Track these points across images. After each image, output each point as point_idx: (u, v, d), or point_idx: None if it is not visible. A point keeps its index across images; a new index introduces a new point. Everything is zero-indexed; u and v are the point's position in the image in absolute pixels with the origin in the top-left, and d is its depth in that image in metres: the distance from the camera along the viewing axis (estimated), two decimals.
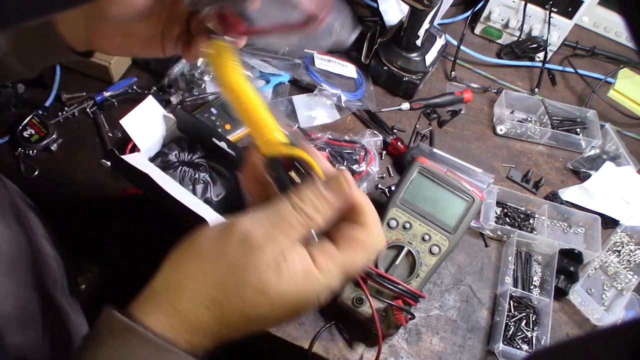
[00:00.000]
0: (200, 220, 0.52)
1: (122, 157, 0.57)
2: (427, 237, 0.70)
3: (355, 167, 0.82)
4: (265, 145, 0.39)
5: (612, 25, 1.10)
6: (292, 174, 0.38)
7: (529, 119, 0.97)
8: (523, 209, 0.85)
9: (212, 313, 0.34)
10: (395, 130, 0.91)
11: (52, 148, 0.81)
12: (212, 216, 0.54)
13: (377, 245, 0.38)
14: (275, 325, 0.37)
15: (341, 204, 0.37)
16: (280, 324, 0.37)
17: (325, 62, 0.94)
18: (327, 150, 0.83)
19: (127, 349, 0.33)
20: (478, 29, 1.07)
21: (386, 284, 0.65)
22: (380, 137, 0.87)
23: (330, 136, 0.85)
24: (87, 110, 0.86)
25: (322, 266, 0.35)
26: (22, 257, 0.55)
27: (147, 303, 0.36)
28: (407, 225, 0.70)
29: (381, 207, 0.74)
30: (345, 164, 0.83)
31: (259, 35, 0.44)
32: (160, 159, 0.64)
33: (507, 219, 0.84)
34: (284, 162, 0.39)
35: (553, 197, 0.87)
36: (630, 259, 0.82)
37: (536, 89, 1.00)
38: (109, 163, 0.58)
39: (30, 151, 0.80)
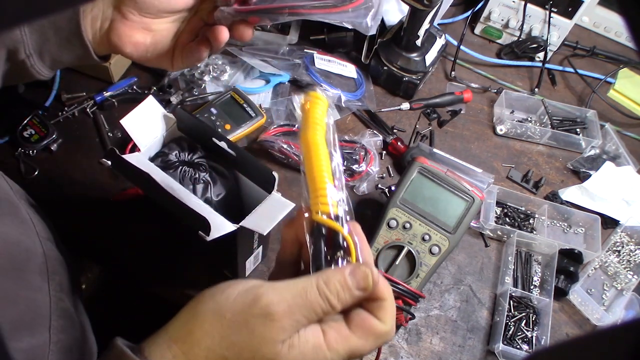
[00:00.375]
0: (201, 220, 0.52)
1: (123, 156, 0.57)
2: (427, 237, 0.70)
3: (355, 167, 0.82)
4: (316, 211, 0.39)
5: (612, 25, 1.10)
6: (330, 248, 0.39)
7: (529, 119, 0.97)
8: (523, 209, 0.85)
9: None
10: (395, 130, 0.91)
11: (52, 148, 0.81)
12: (212, 216, 0.54)
13: (387, 338, 0.39)
14: None
15: (363, 296, 0.39)
16: None
17: (325, 62, 0.94)
18: None
19: None
20: (478, 29, 1.07)
21: None
22: (380, 137, 0.87)
23: None
24: (87, 110, 0.86)
25: (331, 345, 0.37)
26: (30, 260, 0.55)
27: (161, 348, 0.37)
28: (407, 225, 0.70)
29: (381, 207, 0.74)
30: (345, 163, 0.83)
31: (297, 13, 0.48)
32: (160, 158, 0.64)
33: (507, 219, 0.84)
34: (327, 233, 0.39)
35: (553, 197, 0.87)
36: (630, 259, 0.82)
37: (536, 89, 1.00)
38: (109, 162, 0.58)
39: (30, 151, 0.80)
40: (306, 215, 0.40)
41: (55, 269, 0.58)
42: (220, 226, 0.53)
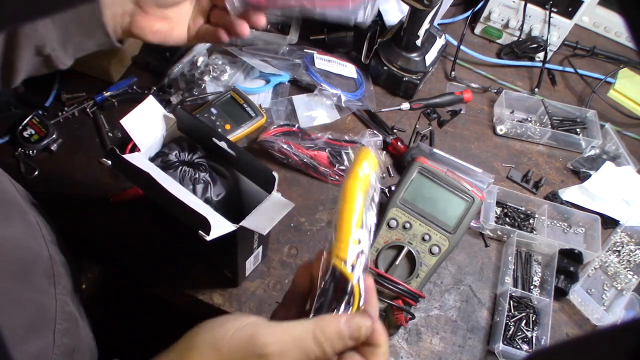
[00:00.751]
0: (201, 219, 0.52)
1: (123, 156, 0.57)
2: (427, 237, 0.70)
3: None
4: (336, 255, 0.41)
5: (612, 25, 1.10)
6: (338, 293, 0.40)
7: (529, 119, 0.97)
8: (523, 209, 0.85)
9: None
10: (395, 130, 0.91)
11: (52, 148, 0.81)
12: (212, 216, 0.54)
13: None
14: None
15: (355, 344, 0.40)
16: None
17: (325, 62, 0.94)
18: (327, 150, 0.83)
19: None
20: (478, 29, 1.07)
21: (386, 284, 0.65)
22: (380, 137, 0.87)
23: (330, 136, 0.85)
24: (87, 110, 0.86)
25: None
26: (37, 263, 0.55)
27: None
28: (407, 225, 0.70)
29: (381, 207, 0.74)
30: (345, 164, 0.83)
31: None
32: (160, 158, 0.64)
33: (507, 219, 0.84)
34: (339, 279, 0.41)
35: (553, 197, 0.87)
36: (630, 259, 0.82)
37: (536, 89, 1.00)
38: (109, 162, 0.58)
39: (30, 151, 0.80)
40: (324, 256, 0.42)
41: (60, 272, 0.58)
42: (220, 226, 0.53)
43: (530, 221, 0.84)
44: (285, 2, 0.55)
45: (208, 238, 0.52)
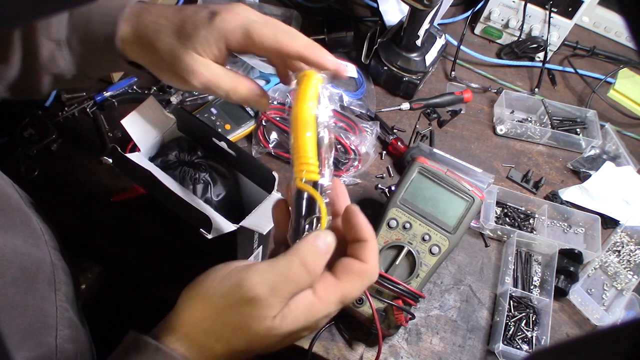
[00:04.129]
0: (202, 217, 0.53)
1: (125, 154, 0.57)
2: (427, 237, 0.70)
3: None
4: (300, 178, 0.41)
5: (612, 25, 1.10)
6: (309, 214, 0.41)
7: (529, 119, 0.97)
8: (523, 209, 0.85)
9: (222, 346, 0.39)
10: (395, 130, 0.91)
11: (52, 148, 0.81)
12: (212, 216, 0.54)
13: (372, 278, 0.41)
14: (283, 346, 0.43)
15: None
16: (289, 344, 0.43)
17: None
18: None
19: None
20: (478, 29, 1.07)
21: (386, 284, 0.65)
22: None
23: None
24: (87, 110, 0.86)
25: (322, 297, 0.39)
26: (39, 270, 0.55)
27: (166, 333, 0.40)
28: (407, 225, 0.70)
29: (381, 207, 0.74)
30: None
31: None
32: (160, 158, 0.64)
33: (507, 219, 0.84)
34: (306, 198, 0.41)
35: (553, 197, 0.87)
36: (630, 259, 0.82)
37: (536, 89, 1.00)
38: (110, 160, 0.58)
39: (30, 151, 0.80)
40: (291, 185, 0.42)
41: (62, 279, 0.59)
42: (221, 226, 0.53)
43: (530, 221, 0.84)
44: None
45: (209, 236, 0.52)
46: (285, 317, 0.38)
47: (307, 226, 0.41)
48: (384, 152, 0.88)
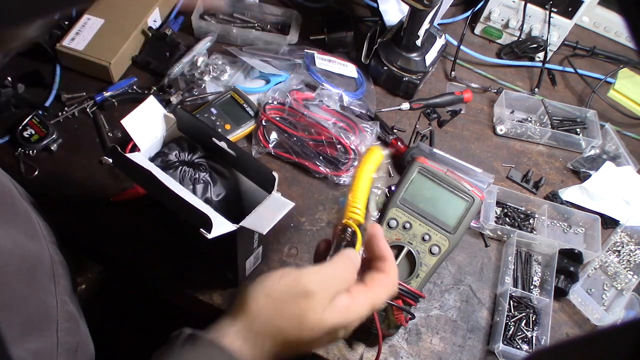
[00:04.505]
0: (202, 217, 0.53)
1: (125, 154, 0.57)
2: (427, 237, 0.70)
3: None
4: (348, 217, 0.53)
5: (612, 25, 1.10)
6: (348, 241, 0.53)
7: (529, 119, 0.97)
8: (523, 209, 0.85)
9: (277, 337, 0.45)
10: (395, 130, 0.91)
11: (52, 148, 0.81)
12: (212, 216, 0.54)
13: (394, 287, 0.51)
14: (321, 347, 0.52)
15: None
16: (325, 345, 0.52)
17: (326, 62, 0.94)
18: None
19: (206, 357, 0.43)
20: (478, 29, 1.07)
21: None
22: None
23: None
24: (87, 110, 0.86)
25: (357, 301, 0.47)
26: (39, 263, 0.56)
27: (225, 326, 0.45)
28: (407, 225, 0.70)
29: (381, 207, 0.74)
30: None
31: None
32: (160, 158, 0.64)
33: (507, 219, 0.84)
34: (352, 233, 0.52)
35: (553, 197, 0.87)
36: (630, 259, 0.82)
37: (536, 89, 1.00)
38: (110, 160, 0.58)
39: (30, 151, 0.81)
40: (338, 224, 0.54)
41: (60, 273, 0.59)
42: (221, 226, 0.53)
43: (530, 221, 0.84)
44: None
45: (209, 236, 0.52)
46: (331, 311, 0.45)
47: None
48: (386, 148, 0.88)
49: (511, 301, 0.75)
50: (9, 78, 0.85)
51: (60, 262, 0.61)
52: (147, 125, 0.63)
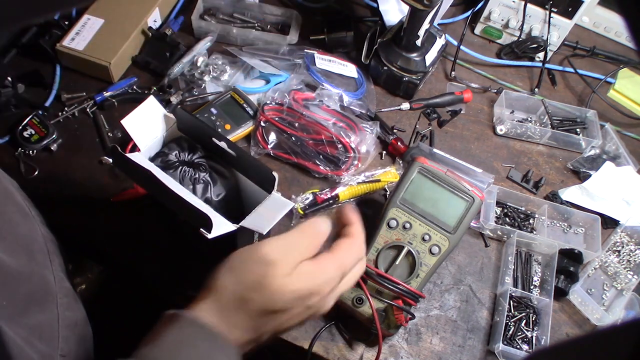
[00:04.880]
0: (202, 217, 0.53)
1: (125, 154, 0.57)
2: (427, 237, 0.70)
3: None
4: None
5: (612, 25, 1.10)
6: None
7: (529, 119, 0.97)
8: (523, 209, 0.85)
9: (244, 312, 0.46)
10: (395, 130, 0.91)
11: (52, 148, 0.81)
12: (212, 216, 0.54)
13: (361, 249, 0.51)
14: (296, 322, 0.49)
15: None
16: (300, 319, 0.49)
17: (326, 62, 0.94)
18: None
19: (189, 335, 0.44)
20: (478, 29, 1.07)
21: (386, 284, 0.65)
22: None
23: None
24: (87, 110, 0.86)
25: (320, 264, 0.48)
26: (34, 240, 0.59)
27: (197, 306, 0.47)
28: (407, 225, 0.70)
29: (381, 207, 0.74)
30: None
31: None
32: (160, 158, 0.64)
33: (507, 219, 0.84)
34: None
35: (553, 197, 0.87)
36: (630, 259, 0.82)
37: (536, 89, 1.00)
38: (110, 160, 0.58)
39: (30, 151, 0.81)
40: None
41: (53, 250, 0.64)
42: (221, 226, 0.53)
43: (530, 221, 0.84)
44: None
45: (209, 236, 0.52)
46: (293, 277, 0.45)
47: None
48: (384, 152, 0.88)
49: (511, 301, 0.75)
50: (9, 78, 0.85)
51: (52, 240, 0.64)
52: (147, 125, 0.63)
